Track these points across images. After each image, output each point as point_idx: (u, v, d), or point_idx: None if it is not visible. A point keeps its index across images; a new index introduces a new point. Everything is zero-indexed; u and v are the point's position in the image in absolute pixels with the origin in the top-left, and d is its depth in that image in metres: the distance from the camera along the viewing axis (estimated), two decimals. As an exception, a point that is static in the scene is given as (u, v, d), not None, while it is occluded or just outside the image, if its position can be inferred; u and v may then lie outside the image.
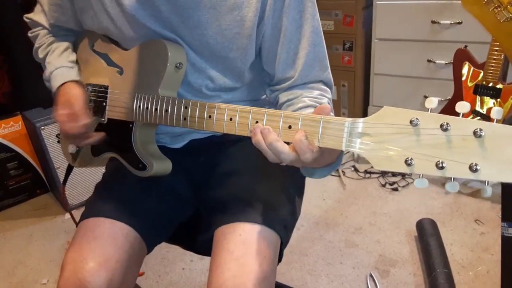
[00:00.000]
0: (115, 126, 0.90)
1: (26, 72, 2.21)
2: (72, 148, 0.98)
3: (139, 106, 0.83)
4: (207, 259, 1.03)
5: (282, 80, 0.86)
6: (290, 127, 0.62)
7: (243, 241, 0.75)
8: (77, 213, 0.89)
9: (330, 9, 2.38)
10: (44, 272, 1.66)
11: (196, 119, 0.74)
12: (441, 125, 0.48)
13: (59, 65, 0.93)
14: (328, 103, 0.84)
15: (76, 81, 0.92)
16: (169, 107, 0.79)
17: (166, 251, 1.67)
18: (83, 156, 0.99)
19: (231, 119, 0.69)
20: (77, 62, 0.97)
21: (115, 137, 0.91)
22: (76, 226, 0.85)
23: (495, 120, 0.47)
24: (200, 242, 0.89)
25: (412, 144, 0.50)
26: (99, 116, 0.92)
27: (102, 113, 0.92)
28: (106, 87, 0.91)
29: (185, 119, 0.76)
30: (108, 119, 0.91)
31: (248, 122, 0.67)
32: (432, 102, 0.50)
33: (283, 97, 0.86)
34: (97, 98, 0.92)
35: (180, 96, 0.88)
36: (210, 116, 0.72)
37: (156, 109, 0.80)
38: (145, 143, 0.87)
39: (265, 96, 0.98)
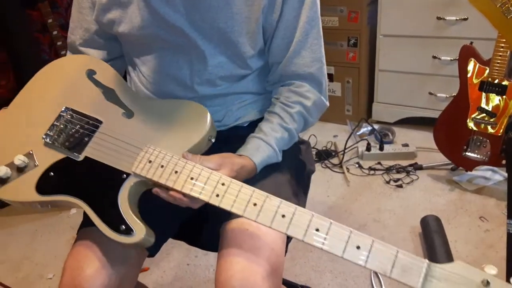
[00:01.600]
0: (95, 169, 0.76)
1: (31, 67, 2.22)
2: (5, 172, 0.77)
3: (150, 161, 0.72)
4: (211, 254, 1.03)
5: (272, 65, 0.91)
6: (358, 247, 0.60)
7: (250, 235, 0.76)
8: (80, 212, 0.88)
9: (334, 5, 2.36)
10: (50, 267, 1.67)
11: (236, 200, 0.66)
12: None
13: None
14: (302, 114, 0.89)
15: None
16: (198, 175, 0.69)
17: (171, 246, 1.67)
18: (17, 188, 0.78)
19: (283, 216, 0.63)
20: None
21: (89, 182, 0.76)
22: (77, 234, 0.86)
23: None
24: (205, 238, 0.89)
25: None
26: (72, 150, 0.78)
27: (78, 148, 0.78)
28: (99, 122, 0.80)
29: (217, 195, 0.67)
30: (86, 158, 0.77)
31: (305, 225, 0.62)
32: (493, 269, 0.55)
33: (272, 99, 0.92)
34: (77, 128, 0.80)
35: (191, 91, 0.89)
36: (255, 204, 0.65)
37: (176, 171, 0.70)
38: (134, 203, 0.74)
39: None
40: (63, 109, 0.82)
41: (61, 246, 1.79)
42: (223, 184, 0.67)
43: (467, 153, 1.84)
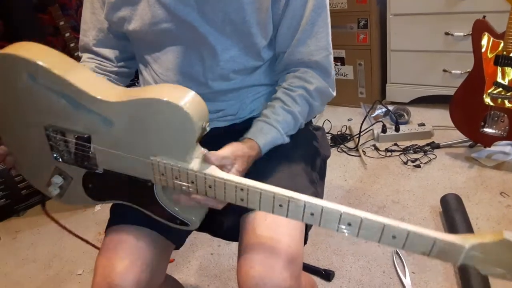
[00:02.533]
0: (121, 178, 0.76)
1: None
2: (55, 191, 0.82)
3: (162, 174, 0.72)
4: (234, 244, 1.05)
5: (278, 55, 0.91)
6: (394, 237, 0.61)
7: (269, 225, 0.78)
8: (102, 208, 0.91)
9: (342, -12, 2.34)
10: (79, 264, 1.73)
11: (260, 202, 0.67)
12: None
13: None
14: (307, 99, 0.88)
15: None
16: (214, 184, 0.69)
17: (194, 237, 1.71)
18: (75, 197, 0.83)
19: (312, 214, 0.64)
20: None
21: (126, 189, 0.77)
22: (105, 232, 0.88)
23: None
24: (227, 228, 0.91)
25: None
26: (87, 165, 0.77)
27: (92, 162, 0.77)
28: (88, 140, 0.74)
29: (242, 199, 0.69)
30: (105, 169, 0.77)
31: (335, 225, 0.63)
32: None
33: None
34: (74, 145, 0.77)
35: (206, 87, 0.89)
36: (281, 206, 0.66)
37: (192, 181, 0.70)
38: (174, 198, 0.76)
39: None
40: (46, 129, 0.77)
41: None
42: (242, 190, 0.68)
43: (484, 129, 1.82)
